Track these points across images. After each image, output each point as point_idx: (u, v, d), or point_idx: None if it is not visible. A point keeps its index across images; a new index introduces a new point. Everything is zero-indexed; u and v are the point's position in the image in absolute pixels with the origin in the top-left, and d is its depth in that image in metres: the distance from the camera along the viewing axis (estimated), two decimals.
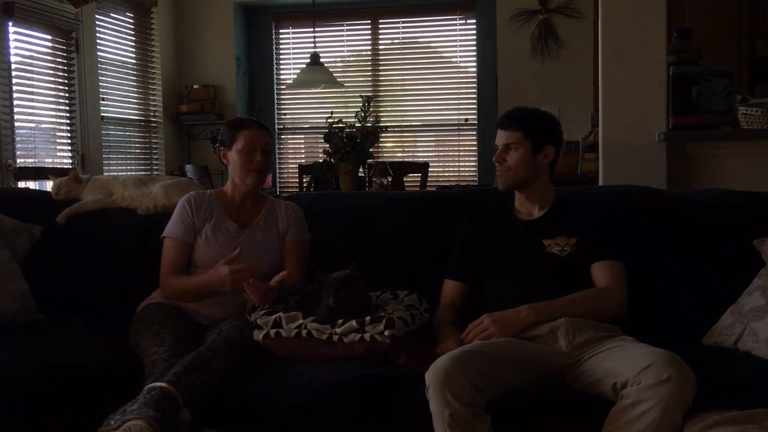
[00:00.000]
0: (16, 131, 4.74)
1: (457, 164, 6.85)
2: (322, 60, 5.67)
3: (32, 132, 5.01)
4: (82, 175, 2.87)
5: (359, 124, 4.53)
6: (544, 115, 2.35)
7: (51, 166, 5.09)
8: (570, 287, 2.12)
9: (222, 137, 2.54)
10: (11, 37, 4.70)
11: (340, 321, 2.09)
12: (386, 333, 2.03)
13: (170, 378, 1.82)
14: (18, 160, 4.72)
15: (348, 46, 6.97)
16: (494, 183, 2.39)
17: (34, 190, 3.62)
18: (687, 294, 2.32)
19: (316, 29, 6.07)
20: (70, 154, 5.32)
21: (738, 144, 3.17)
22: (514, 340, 2.01)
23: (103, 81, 5.68)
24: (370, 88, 6.79)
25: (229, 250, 2.40)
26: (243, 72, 6.86)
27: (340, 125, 4.53)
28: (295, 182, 6.22)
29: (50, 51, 5.15)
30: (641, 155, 3.16)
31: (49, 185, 2.98)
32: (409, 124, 6.88)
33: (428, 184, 5.43)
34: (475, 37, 6.61)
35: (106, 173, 5.56)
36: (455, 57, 6.80)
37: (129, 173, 6.00)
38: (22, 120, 4.85)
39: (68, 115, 5.29)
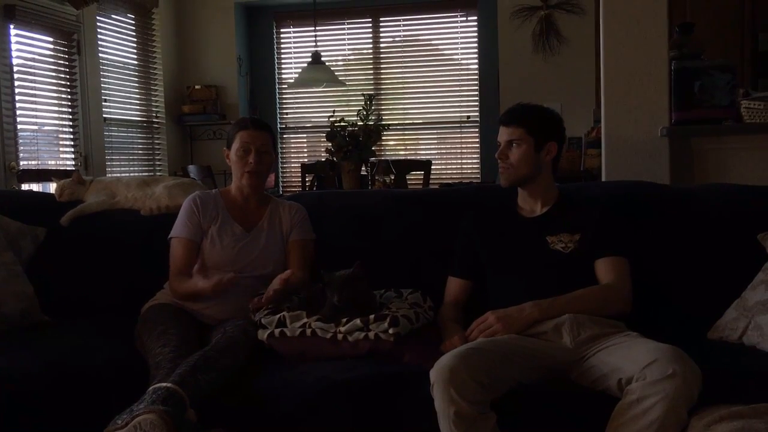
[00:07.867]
0: (19, 134, 4.74)
1: (459, 162, 6.85)
2: (323, 59, 5.67)
3: (35, 134, 5.01)
4: (85, 176, 2.87)
5: (361, 123, 4.52)
6: (546, 112, 2.34)
7: (54, 168, 5.09)
8: (574, 284, 2.12)
9: (227, 137, 2.57)
10: (13, 39, 4.70)
11: (345, 320, 2.09)
12: (390, 331, 2.03)
13: (176, 378, 1.83)
14: (21, 163, 4.73)
15: (349, 44, 6.97)
16: (497, 180, 2.38)
17: (38, 193, 3.64)
18: (691, 289, 2.32)
19: (317, 28, 6.07)
20: (73, 156, 5.33)
21: (741, 138, 3.16)
22: (518, 337, 2.01)
23: (105, 82, 5.68)
24: (372, 87, 6.78)
25: (233, 252, 2.43)
26: (245, 72, 6.86)
27: (342, 124, 4.52)
28: (298, 181, 6.22)
29: (52, 53, 5.15)
30: (644, 150, 3.15)
31: (52, 187, 2.98)
32: (411, 121, 6.87)
33: (431, 181, 5.43)
34: (476, 34, 6.60)
35: (109, 175, 5.56)
36: (457, 54, 6.79)
37: (132, 174, 6.01)
38: (25, 122, 4.85)
39: (71, 116, 5.30)
